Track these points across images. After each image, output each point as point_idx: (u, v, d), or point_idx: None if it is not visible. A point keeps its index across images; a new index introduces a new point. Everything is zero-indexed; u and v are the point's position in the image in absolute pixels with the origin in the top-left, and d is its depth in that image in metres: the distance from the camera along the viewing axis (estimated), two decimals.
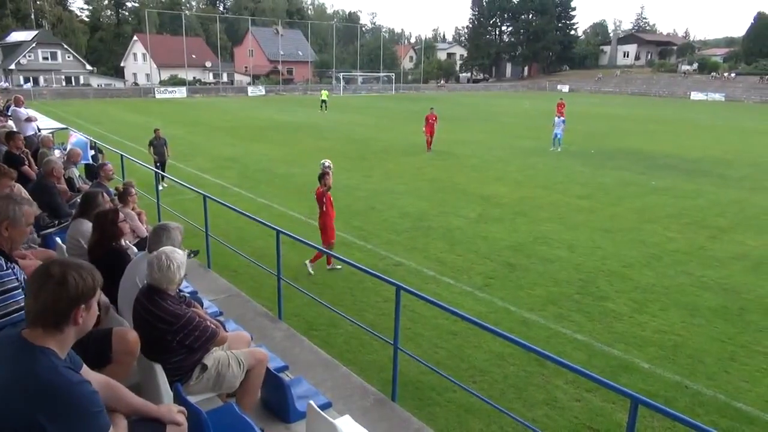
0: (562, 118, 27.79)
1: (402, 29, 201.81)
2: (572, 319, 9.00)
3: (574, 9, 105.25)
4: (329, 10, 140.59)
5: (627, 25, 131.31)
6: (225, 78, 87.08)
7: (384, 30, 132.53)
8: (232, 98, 66.74)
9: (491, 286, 10.29)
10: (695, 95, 76.85)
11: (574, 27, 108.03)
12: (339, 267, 10.81)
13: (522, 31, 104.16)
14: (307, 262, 10.65)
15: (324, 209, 10.56)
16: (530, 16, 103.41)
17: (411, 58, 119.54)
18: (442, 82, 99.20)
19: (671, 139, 32.85)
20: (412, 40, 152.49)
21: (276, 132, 32.96)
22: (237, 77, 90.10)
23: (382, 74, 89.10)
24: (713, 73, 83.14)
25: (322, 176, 10.44)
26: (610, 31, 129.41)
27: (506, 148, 27.83)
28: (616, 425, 6.36)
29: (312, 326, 8.43)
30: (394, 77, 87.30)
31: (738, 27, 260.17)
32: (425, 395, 6.86)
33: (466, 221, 14.32)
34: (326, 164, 11.19)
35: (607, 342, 8.26)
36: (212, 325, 4.21)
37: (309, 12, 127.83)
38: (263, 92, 73.64)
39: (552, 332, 8.55)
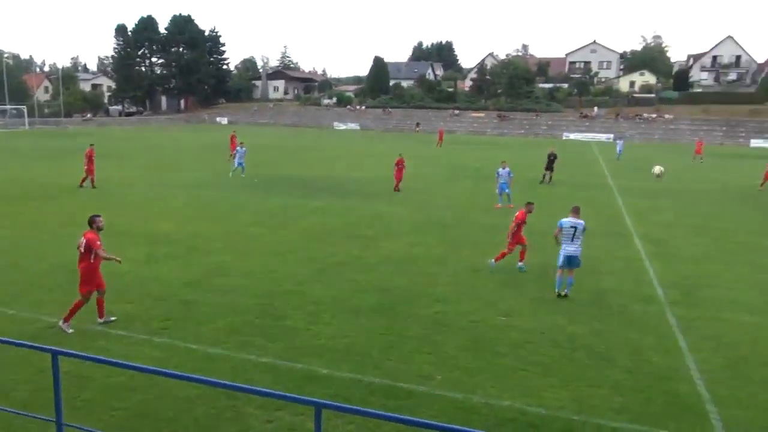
0: (243, 149, 29.64)
1: (31, 56, 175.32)
2: (256, 344, 9.19)
3: (224, 45, 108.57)
4: None
5: (274, 62, 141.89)
6: None
7: (6, 56, 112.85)
8: None
9: (170, 328, 9.75)
10: (337, 125, 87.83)
11: (226, 62, 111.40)
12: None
13: (174, 63, 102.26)
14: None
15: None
16: (181, 49, 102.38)
17: (47, 89, 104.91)
18: (88, 115, 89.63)
19: (323, 164, 36.76)
20: (46, 69, 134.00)
21: None
22: None
23: (9, 107, 75.62)
24: (349, 106, 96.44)
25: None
26: (259, 67, 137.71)
27: (169, 182, 26.86)
28: None
29: None
30: (26, 110, 75.04)
31: (363, 67, 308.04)
32: None
33: (133, 264, 13.22)
34: None
35: (291, 358, 8.71)
36: None
37: None
38: None
39: (238, 361, 8.57)
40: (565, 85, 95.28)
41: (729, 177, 34.47)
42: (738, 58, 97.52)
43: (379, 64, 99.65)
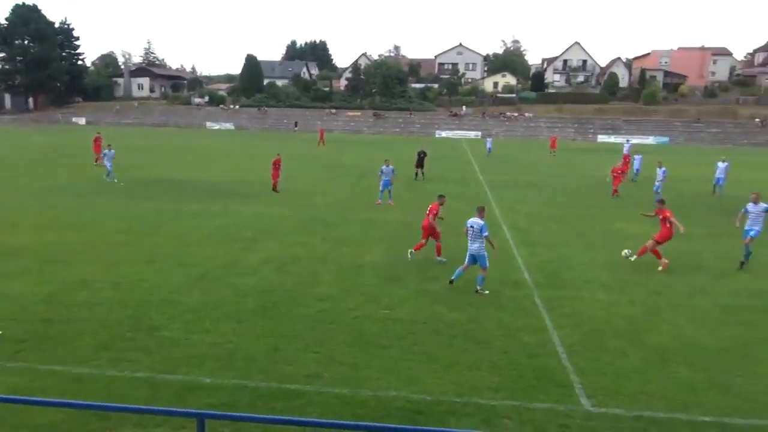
0: (112, 151, 28.13)
1: None
2: (129, 358, 8.59)
3: (77, 39, 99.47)
4: None
5: (137, 59, 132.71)
6: None
7: None
8: None
9: (26, 350, 8.80)
10: (210, 125, 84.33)
11: (81, 57, 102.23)
12: None
13: (19, 58, 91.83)
14: None
15: None
16: (26, 42, 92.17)
17: None
18: None
19: (196, 165, 35.14)
20: None
21: None
22: None
23: None
24: (222, 106, 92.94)
25: None
26: (120, 63, 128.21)
27: (20, 189, 24.20)
28: None
29: None
30: None
31: (235, 65, 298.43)
32: None
33: None
34: None
35: (169, 370, 8.25)
36: None
37: None
38: None
39: (110, 379, 7.95)
40: (436, 85, 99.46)
41: (583, 169, 38.01)
42: (584, 62, 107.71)
43: (252, 62, 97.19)
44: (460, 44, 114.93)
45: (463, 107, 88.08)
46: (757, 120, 77.67)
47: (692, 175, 34.15)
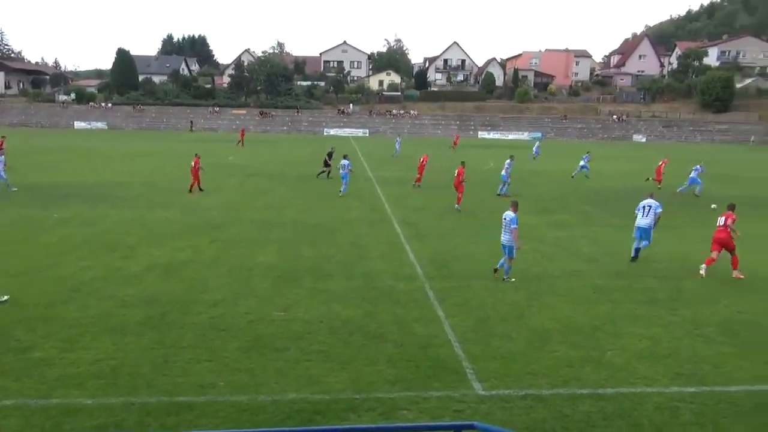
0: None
1: None
2: None
3: None
4: None
5: None
6: None
7: None
8: None
9: None
10: (79, 124, 77.89)
11: None
12: None
13: None
14: None
15: None
16: None
17: None
18: None
19: (65, 168, 32.30)
20: None
21: None
22: None
23: None
24: (92, 103, 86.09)
25: None
26: None
27: None
28: None
29: None
30: None
31: (105, 60, 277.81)
32: None
33: None
34: None
35: (43, 394, 7.52)
36: None
37: None
38: None
39: None
40: (322, 83, 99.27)
41: (471, 164, 39.71)
42: (463, 62, 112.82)
43: (124, 56, 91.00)
44: (345, 42, 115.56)
45: (350, 105, 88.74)
46: (614, 117, 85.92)
47: (560, 168, 37.04)
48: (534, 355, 9.13)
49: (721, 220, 13.86)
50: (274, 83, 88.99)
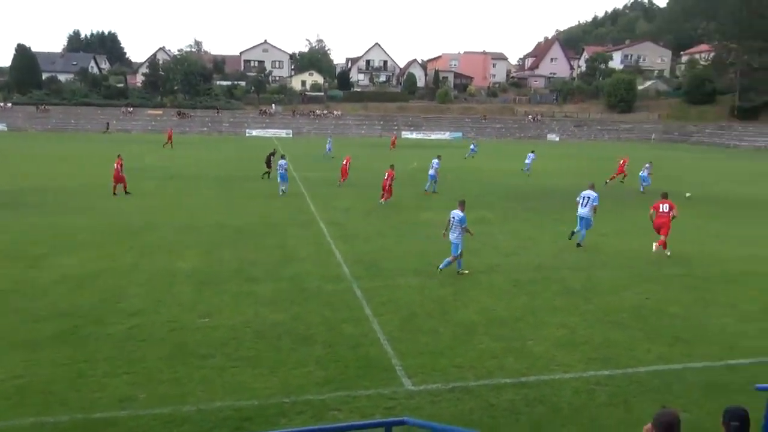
0: None
1: None
2: None
3: None
4: None
5: None
6: None
7: None
8: None
9: None
10: None
11: None
12: None
13: None
14: None
15: None
16: None
17: None
18: None
19: None
20: None
21: None
22: None
23: None
24: None
25: None
26: None
27: None
28: None
29: None
30: None
31: (3, 57, 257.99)
32: None
33: None
34: None
35: None
36: None
37: None
38: None
39: None
40: (243, 83, 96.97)
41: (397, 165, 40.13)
42: (385, 62, 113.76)
43: (25, 53, 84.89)
44: (266, 41, 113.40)
45: (273, 105, 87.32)
46: (529, 117, 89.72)
47: (485, 167, 38.26)
48: (460, 348, 9.39)
49: (664, 207, 15.53)
50: (192, 83, 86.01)
